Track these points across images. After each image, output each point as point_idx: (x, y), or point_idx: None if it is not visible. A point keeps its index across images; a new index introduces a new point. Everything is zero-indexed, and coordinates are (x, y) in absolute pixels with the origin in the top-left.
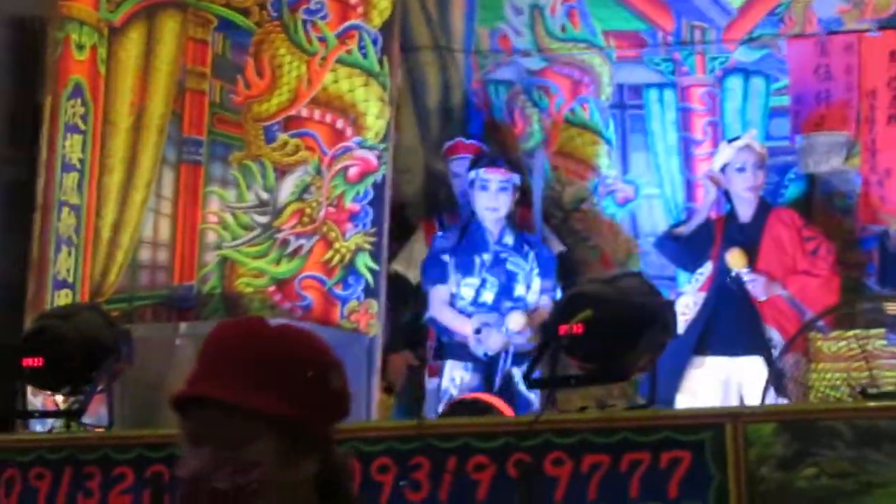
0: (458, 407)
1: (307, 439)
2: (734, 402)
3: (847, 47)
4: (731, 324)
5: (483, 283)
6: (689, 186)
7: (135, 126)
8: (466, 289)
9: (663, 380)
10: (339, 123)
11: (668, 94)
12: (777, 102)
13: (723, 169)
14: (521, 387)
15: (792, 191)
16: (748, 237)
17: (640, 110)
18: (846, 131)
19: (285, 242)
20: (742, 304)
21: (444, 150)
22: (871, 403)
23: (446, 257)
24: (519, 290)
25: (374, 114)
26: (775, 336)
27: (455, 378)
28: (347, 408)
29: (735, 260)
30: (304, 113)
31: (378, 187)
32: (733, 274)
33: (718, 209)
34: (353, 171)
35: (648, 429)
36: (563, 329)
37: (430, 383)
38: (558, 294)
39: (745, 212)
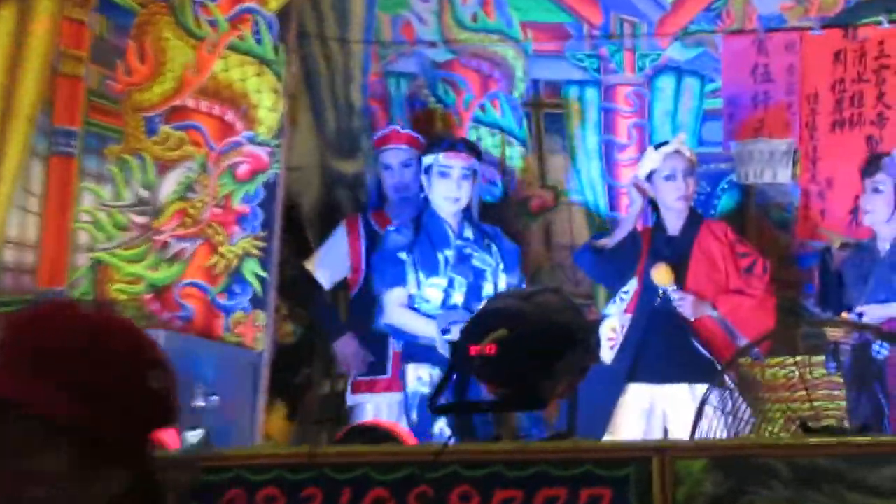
0: (355, 434)
1: (111, 448)
2: (658, 435)
3: (788, 46)
4: (658, 348)
5: (451, 283)
6: (613, 194)
7: (1, 113)
8: (432, 290)
9: (590, 414)
10: (229, 116)
11: (591, 93)
12: (711, 105)
13: (649, 176)
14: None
15: (725, 202)
16: (677, 251)
17: (558, 109)
18: (786, 138)
19: (165, 245)
20: (670, 326)
21: (374, 141)
22: (812, 440)
23: (403, 255)
24: (487, 288)
25: (268, 106)
26: (704, 362)
27: (422, 377)
28: (170, 414)
29: (661, 276)
30: (191, 103)
31: (270, 187)
32: (661, 292)
33: (644, 220)
34: (242, 169)
35: (567, 462)
36: (474, 349)
37: (354, 400)
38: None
39: (674, 223)
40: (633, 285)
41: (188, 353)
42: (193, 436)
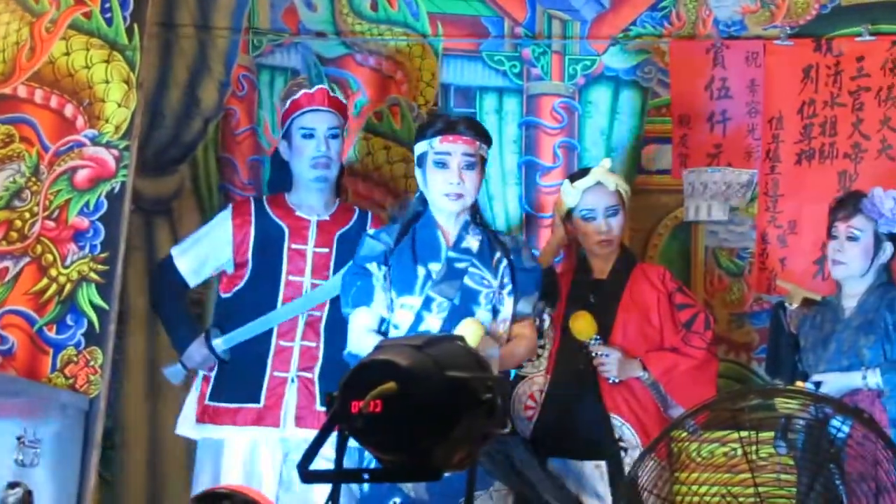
0: (206, 502)
1: None
2: None
3: (749, 58)
4: (571, 415)
5: (427, 303)
6: (532, 227)
7: None
8: (403, 312)
9: None
10: (69, 110)
11: (511, 103)
12: (656, 124)
13: (569, 213)
14: None
15: (667, 242)
16: (602, 299)
17: None
18: (747, 169)
19: None
20: (586, 388)
21: (287, 106)
22: None
23: (373, 266)
24: (481, 314)
25: (116, 100)
26: (628, 434)
27: None
28: None
29: (580, 327)
30: (22, 92)
31: (114, 199)
32: (583, 346)
33: (567, 260)
34: (82, 175)
35: None
36: (355, 406)
37: (202, 431)
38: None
39: (600, 266)
40: (549, 339)
41: (5, 395)
42: (11, 495)
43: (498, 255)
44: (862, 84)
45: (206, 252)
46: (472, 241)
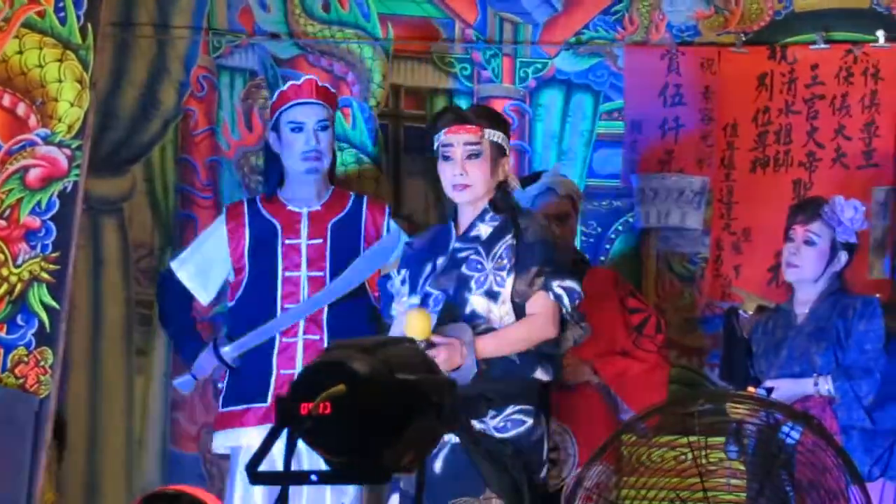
0: (153, 502)
1: None
2: None
3: (704, 64)
4: None
5: (425, 300)
6: None
7: None
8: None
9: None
10: (21, 109)
11: (461, 105)
12: (607, 128)
13: None
14: None
15: (619, 246)
16: None
17: (421, 123)
18: (700, 175)
19: None
20: None
21: (273, 100)
22: None
23: (395, 270)
24: (475, 302)
25: (69, 100)
26: (569, 443)
27: None
28: None
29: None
30: None
31: (66, 198)
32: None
33: None
34: (34, 175)
35: None
36: (305, 408)
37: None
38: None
39: None
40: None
41: None
42: None
43: (507, 237)
44: (816, 92)
45: (206, 261)
46: (484, 229)
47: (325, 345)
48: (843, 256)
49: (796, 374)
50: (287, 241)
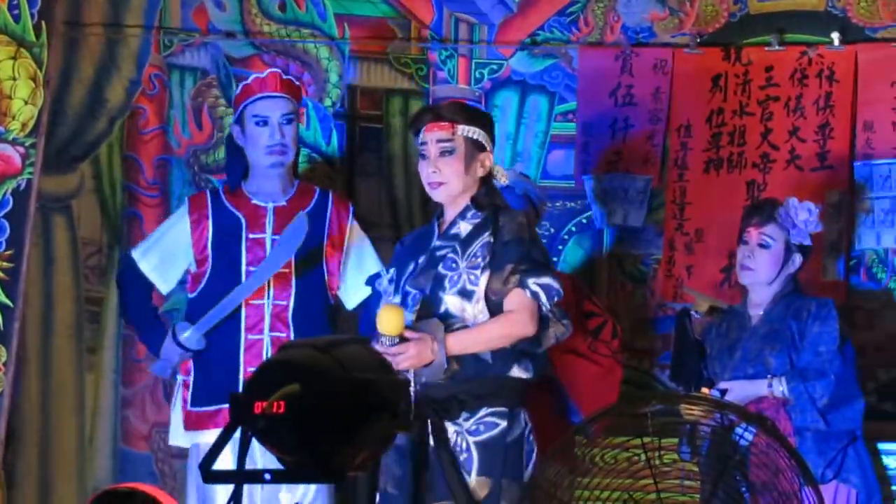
0: (105, 500)
1: None
2: None
3: (657, 66)
4: None
5: (405, 300)
6: None
7: None
8: None
9: None
10: None
11: (417, 106)
12: (561, 129)
13: None
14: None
15: (572, 249)
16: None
17: (376, 123)
18: (648, 175)
19: None
20: None
21: (237, 92)
22: None
23: (384, 271)
24: (449, 301)
25: (23, 97)
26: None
27: None
28: None
29: (390, 321)
30: None
31: (20, 196)
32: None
33: None
34: None
35: None
36: (259, 406)
37: (190, 439)
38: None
39: None
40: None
41: None
42: None
43: (485, 235)
44: (771, 94)
45: (168, 251)
46: (464, 227)
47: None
48: (797, 258)
49: (750, 375)
50: (251, 236)
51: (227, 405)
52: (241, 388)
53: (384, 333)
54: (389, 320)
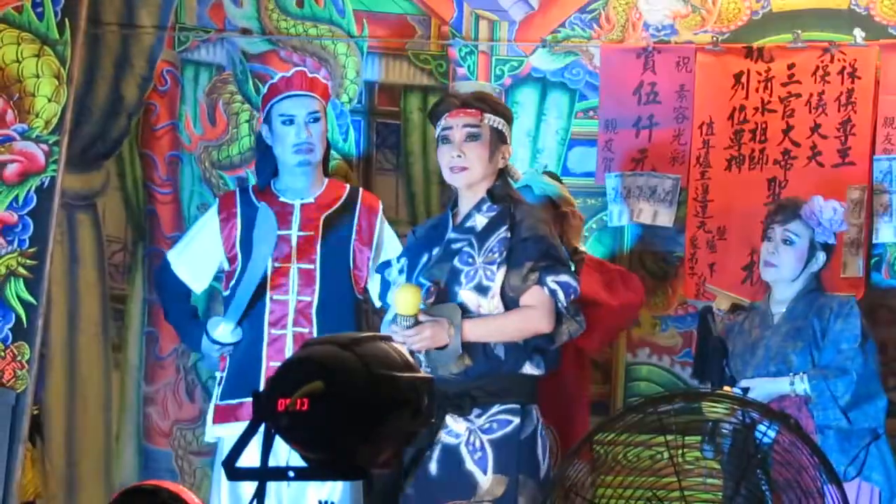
0: (130, 498)
1: None
2: None
3: (679, 64)
4: None
5: None
6: None
7: None
8: None
9: None
10: None
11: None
12: (583, 127)
13: None
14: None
15: (593, 245)
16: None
17: (395, 120)
18: (674, 174)
19: None
20: None
21: (264, 92)
22: None
23: (395, 260)
24: (464, 296)
25: (47, 95)
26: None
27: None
28: None
29: (402, 300)
30: None
31: (44, 193)
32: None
33: None
34: (11, 170)
35: None
36: (282, 404)
37: (214, 433)
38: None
39: None
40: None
41: None
42: None
43: (502, 229)
44: (792, 91)
45: (201, 252)
46: (480, 220)
47: (315, 336)
48: (821, 257)
49: (772, 373)
50: (278, 233)
51: (249, 398)
52: (262, 383)
53: (401, 314)
54: (406, 300)
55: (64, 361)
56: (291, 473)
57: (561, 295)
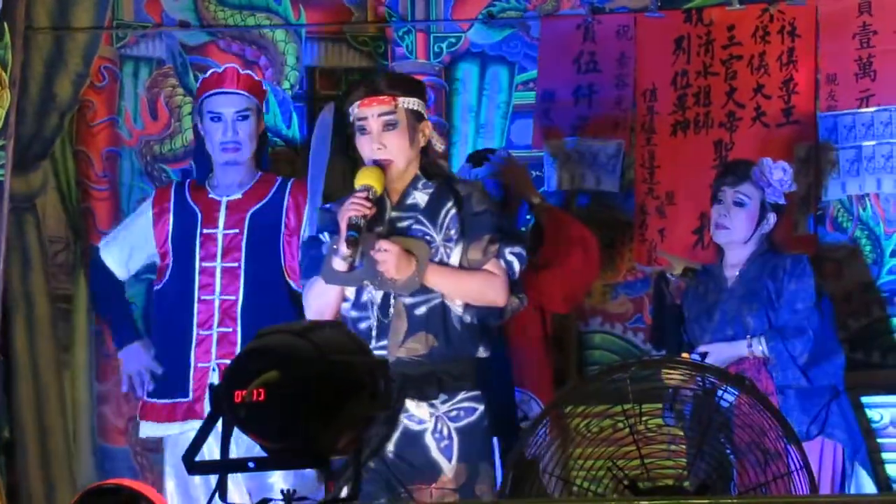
0: (92, 498)
1: None
2: None
3: (620, 31)
4: None
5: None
6: None
7: None
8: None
9: None
10: None
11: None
12: (524, 99)
13: None
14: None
15: None
16: None
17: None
18: (619, 139)
19: None
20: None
21: (198, 86)
22: (643, 502)
23: (324, 236)
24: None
25: None
26: (536, 409)
27: None
28: None
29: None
30: None
31: None
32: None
33: None
34: None
35: None
36: (239, 395)
37: (145, 431)
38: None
39: None
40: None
41: None
42: None
43: (448, 205)
44: (734, 52)
45: (130, 243)
46: (421, 196)
47: (239, 337)
48: (771, 218)
49: (729, 337)
50: (205, 230)
51: (178, 399)
52: (191, 384)
53: (363, 183)
54: (371, 173)
55: (28, 367)
56: (251, 465)
57: (517, 266)
